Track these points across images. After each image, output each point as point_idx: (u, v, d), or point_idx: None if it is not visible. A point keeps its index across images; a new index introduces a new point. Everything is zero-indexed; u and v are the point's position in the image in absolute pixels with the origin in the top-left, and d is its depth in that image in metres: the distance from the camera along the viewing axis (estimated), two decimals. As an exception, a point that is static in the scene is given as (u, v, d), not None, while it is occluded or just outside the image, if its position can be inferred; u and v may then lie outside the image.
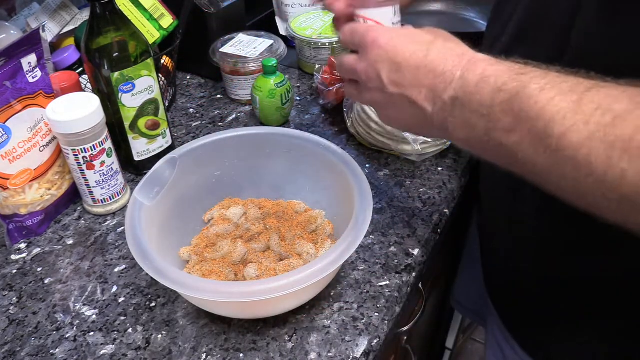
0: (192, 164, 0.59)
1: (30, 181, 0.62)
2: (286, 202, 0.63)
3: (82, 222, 0.66)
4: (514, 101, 0.35)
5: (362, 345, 0.51)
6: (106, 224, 0.65)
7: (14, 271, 0.60)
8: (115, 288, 0.57)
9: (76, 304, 0.56)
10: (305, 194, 0.63)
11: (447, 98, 0.40)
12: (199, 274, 0.54)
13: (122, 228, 0.64)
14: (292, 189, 0.64)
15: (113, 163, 0.64)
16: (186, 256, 0.58)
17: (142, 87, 0.65)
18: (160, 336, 0.52)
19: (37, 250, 0.62)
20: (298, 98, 0.88)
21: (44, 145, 0.62)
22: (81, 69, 0.79)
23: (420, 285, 0.69)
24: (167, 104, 0.83)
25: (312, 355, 0.50)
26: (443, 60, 0.40)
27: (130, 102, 0.65)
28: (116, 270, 0.59)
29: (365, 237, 0.61)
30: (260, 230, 0.60)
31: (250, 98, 0.83)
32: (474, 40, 0.46)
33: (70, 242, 0.63)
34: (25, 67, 0.59)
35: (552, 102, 0.33)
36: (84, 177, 0.63)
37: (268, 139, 0.62)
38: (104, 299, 0.56)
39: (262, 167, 0.63)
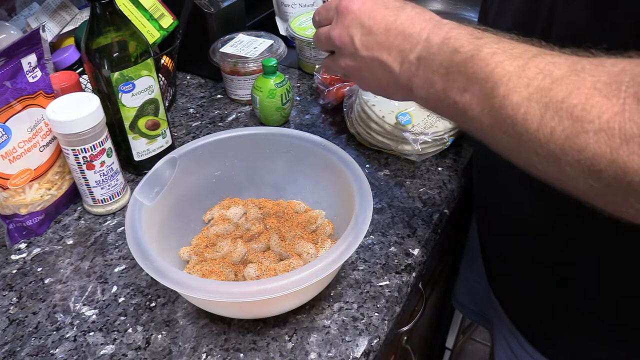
0: (192, 164, 0.59)
1: (30, 181, 0.62)
2: (286, 202, 0.63)
3: (82, 222, 0.66)
4: (468, 63, 0.38)
5: (362, 345, 0.51)
6: (106, 224, 0.65)
7: (14, 271, 0.60)
8: (115, 288, 0.57)
9: (76, 304, 0.56)
10: (305, 194, 0.63)
11: (413, 58, 0.43)
12: (199, 274, 0.54)
13: (122, 228, 0.64)
14: (292, 189, 0.64)
15: (113, 163, 0.64)
16: (186, 256, 0.58)
17: (142, 87, 0.65)
18: (160, 336, 0.52)
19: (37, 250, 0.62)
20: (298, 98, 0.88)
21: (44, 145, 0.62)
22: (81, 69, 0.79)
23: (420, 285, 0.69)
24: (167, 104, 0.83)
25: (312, 355, 0.50)
26: (411, 24, 0.43)
27: (130, 102, 0.65)
28: (116, 270, 0.59)
29: (365, 237, 0.61)
30: (260, 230, 0.60)
31: (250, 98, 0.83)
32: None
33: (70, 242, 0.63)
34: (25, 67, 0.59)
35: (501, 65, 0.36)
36: (84, 177, 0.63)
37: (268, 139, 0.62)
38: (104, 299, 0.56)
39: (262, 167, 0.63)
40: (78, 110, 0.59)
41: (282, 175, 0.64)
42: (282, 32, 1.04)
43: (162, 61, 0.83)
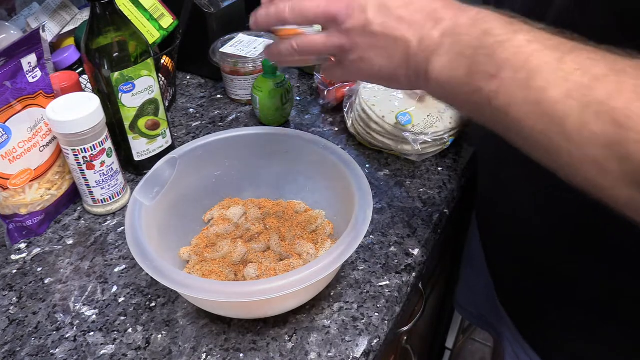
0: (192, 164, 0.59)
1: (30, 181, 0.62)
2: (286, 202, 0.63)
3: (82, 222, 0.66)
4: (500, 47, 0.35)
5: (362, 345, 0.51)
6: (106, 224, 0.65)
7: (14, 271, 0.60)
8: (115, 288, 0.57)
9: (76, 304, 0.56)
10: (305, 194, 0.63)
11: (437, 35, 0.38)
12: (199, 274, 0.54)
13: (122, 228, 0.64)
14: (292, 189, 0.64)
15: (113, 163, 0.64)
16: (186, 256, 0.58)
17: (142, 87, 0.65)
18: (160, 336, 0.52)
19: (37, 250, 0.62)
20: (298, 98, 0.88)
21: (44, 145, 0.62)
22: (81, 69, 0.79)
23: (420, 285, 0.69)
24: (167, 104, 0.83)
25: (312, 355, 0.50)
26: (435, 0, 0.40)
27: (130, 102, 0.65)
28: (116, 270, 0.59)
29: (365, 237, 0.61)
30: (260, 230, 0.60)
31: (250, 98, 0.83)
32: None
33: (70, 242, 0.63)
34: (25, 67, 0.59)
35: (537, 55, 0.33)
36: (84, 177, 0.63)
37: (268, 139, 0.62)
38: (104, 299, 0.56)
39: (262, 167, 0.63)
40: (78, 110, 0.59)
41: (282, 175, 0.64)
42: (282, 32, 1.03)
43: (162, 61, 0.83)
